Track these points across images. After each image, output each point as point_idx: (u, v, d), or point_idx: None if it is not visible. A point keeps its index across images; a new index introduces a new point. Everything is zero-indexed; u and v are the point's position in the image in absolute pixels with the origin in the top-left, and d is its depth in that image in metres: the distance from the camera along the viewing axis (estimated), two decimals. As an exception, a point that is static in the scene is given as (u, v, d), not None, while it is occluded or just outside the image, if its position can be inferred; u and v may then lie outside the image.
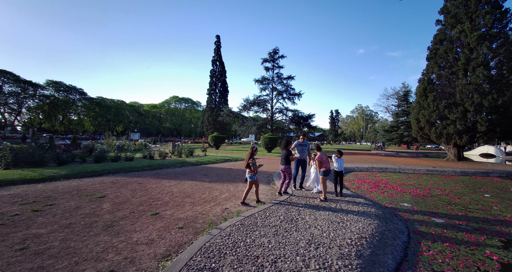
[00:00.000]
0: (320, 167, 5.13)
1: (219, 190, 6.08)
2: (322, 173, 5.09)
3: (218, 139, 28.03)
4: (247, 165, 4.83)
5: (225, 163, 12.74)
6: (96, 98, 64.05)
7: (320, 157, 5.16)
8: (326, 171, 5.07)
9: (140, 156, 12.58)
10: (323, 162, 5.11)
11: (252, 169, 4.79)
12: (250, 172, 4.81)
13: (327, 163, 5.13)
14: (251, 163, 4.81)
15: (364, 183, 8.31)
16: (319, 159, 5.15)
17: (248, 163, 4.81)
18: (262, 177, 8.53)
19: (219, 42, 48.32)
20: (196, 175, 8.33)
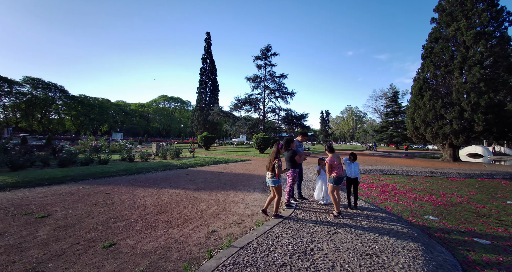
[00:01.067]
0: (331, 172, 4.11)
1: (206, 201, 4.93)
2: (332, 180, 4.08)
3: (208, 139, 26.69)
4: (271, 167, 3.83)
5: (214, 166, 11.55)
6: (78, 96, 60.73)
7: (331, 159, 4.14)
8: (338, 178, 4.05)
9: (118, 158, 11.17)
10: (334, 166, 4.10)
11: (276, 171, 3.79)
12: (274, 176, 3.82)
13: (339, 168, 4.11)
14: (276, 164, 3.79)
15: (371, 188, 7.40)
16: (330, 163, 4.13)
17: (273, 164, 3.81)
18: (255, 182, 7.45)
19: (209, 39, 46.86)
20: (180, 181, 7.12)
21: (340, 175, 4.07)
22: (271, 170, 3.85)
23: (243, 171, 10.06)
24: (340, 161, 4.18)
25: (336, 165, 4.09)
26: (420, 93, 19.17)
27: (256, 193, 5.87)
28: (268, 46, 29.14)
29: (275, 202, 3.91)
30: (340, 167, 4.12)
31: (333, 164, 4.10)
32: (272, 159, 3.87)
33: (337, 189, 4.08)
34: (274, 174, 3.83)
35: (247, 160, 15.15)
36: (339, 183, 4.08)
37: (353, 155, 4.52)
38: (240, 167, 11.49)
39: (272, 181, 3.84)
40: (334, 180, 4.07)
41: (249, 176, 8.67)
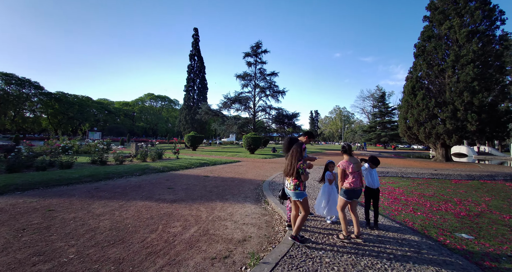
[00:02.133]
0: (343, 181, 3.15)
1: (184, 218, 3.81)
2: (343, 193, 3.10)
3: (195, 138, 25.29)
4: (295, 172, 2.83)
5: (200, 168, 10.36)
6: (56, 94, 56.85)
7: (345, 164, 3.16)
8: (352, 191, 3.05)
9: (88, 161, 9.72)
10: (348, 173, 3.12)
11: (302, 178, 2.87)
12: (299, 185, 2.85)
13: (356, 177, 3.09)
14: (302, 168, 2.81)
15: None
16: (342, 167, 3.14)
17: (298, 169, 2.81)
18: (246, 188, 6.38)
19: (197, 35, 45.24)
20: (156, 189, 5.92)
21: (355, 187, 3.06)
22: (295, 177, 2.85)
23: (233, 174, 8.96)
24: (358, 168, 3.17)
25: (351, 172, 3.10)
26: (413, 92, 18.86)
27: (248, 204, 4.80)
28: (259, 42, 28.13)
29: (299, 220, 2.88)
30: (357, 176, 3.11)
31: (347, 169, 3.11)
32: (294, 161, 2.87)
33: (353, 205, 3.09)
34: (299, 182, 2.84)
35: (237, 161, 14.05)
36: (353, 197, 3.08)
37: (375, 159, 3.55)
38: (229, 169, 10.38)
39: (297, 194, 2.86)
40: (346, 192, 3.08)
41: (239, 180, 7.59)
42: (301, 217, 2.86)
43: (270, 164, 13.44)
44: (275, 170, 10.49)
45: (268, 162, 14.69)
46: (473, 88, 15.67)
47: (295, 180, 2.87)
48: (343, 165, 3.16)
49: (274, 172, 9.97)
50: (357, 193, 3.08)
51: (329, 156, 21.66)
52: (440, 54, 17.52)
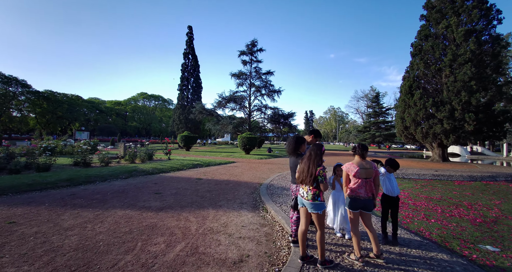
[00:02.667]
0: (347, 186, 2.66)
1: (169, 231, 3.25)
2: (347, 202, 2.62)
3: (189, 138, 24.56)
4: (312, 179, 2.36)
5: (193, 170, 9.76)
6: (44, 92, 54.91)
7: (349, 166, 2.65)
8: (353, 200, 2.55)
9: (70, 162, 9.00)
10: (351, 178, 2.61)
11: (322, 187, 2.36)
12: (319, 195, 2.34)
13: (361, 183, 2.56)
14: (322, 176, 2.34)
15: (383, 197, 6.10)
16: (347, 171, 2.66)
17: (317, 176, 2.33)
18: (242, 193, 5.84)
19: (191, 33, 44.39)
20: (141, 195, 5.32)
21: (358, 196, 2.53)
22: (312, 185, 2.35)
23: (227, 176, 8.41)
24: (366, 175, 2.58)
25: (354, 177, 2.57)
26: (410, 92, 18.67)
27: (244, 212, 4.26)
28: (254, 40, 27.61)
29: (320, 241, 2.36)
30: (362, 183, 2.56)
31: (350, 173, 2.60)
32: (312, 167, 2.36)
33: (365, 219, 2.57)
34: (318, 192, 2.35)
35: (232, 162, 13.49)
36: (357, 207, 2.55)
37: (393, 162, 3.05)
38: (224, 171, 9.82)
39: (316, 205, 2.35)
40: (348, 201, 2.60)
41: (235, 183, 7.04)
42: (320, 236, 2.35)
43: (267, 164, 12.93)
44: (272, 171, 9.98)
45: (264, 162, 14.17)
46: (470, 87, 15.54)
47: (314, 189, 2.36)
48: (347, 167, 2.67)
49: (271, 173, 9.46)
50: (362, 203, 2.54)
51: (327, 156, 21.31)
52: (438, 53, 17.37)
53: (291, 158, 2.99)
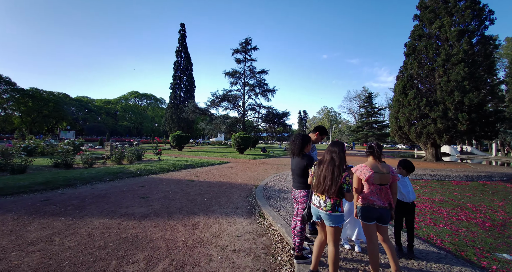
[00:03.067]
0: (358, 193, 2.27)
1: (152, 244, 2.81)
2: (360, 212, 2.21)
3: (181, 138, 23.90)
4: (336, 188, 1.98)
5: (184, 171, 9.27)
6: (29, 90, 52.73)
7: (361, 169, 2.27)
8: (365, 209, 2.18)
9: (50, 163, 8.34)
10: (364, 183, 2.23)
11: (347, 197, 2.01)
12: (339, 206, 2.03)
13: (375, 190, 2.19)
14: (348, 184, 2.00)
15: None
16: (359, 175, 2.26)
17: (341, 184, 1.98)
18: (236, 196, 5.42)
19: (184, 31, 43.51)
20: (125, 199, 4.82)
21: (372, 204, 2.15)
22: (334, 193, 1.96)
23: (221, 177, 7.96)
24: (382, 180, 2.19)
25: (368, 182, 2.19)
26: (404, 92, 18.68)
27: (239, 219, 3.85)
28: (248, 39, 27.18)
29: (333, 260, 1.97)
30: (377, 190, 2.18)
31: (363, 178, 2.21)
32: (337, 173, 1.98)
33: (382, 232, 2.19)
34: (339, 201, 1.99)
35: (225, 163, 13.03)
36: (370, 218, 2.16)
37: (408, 164, 2.71)
38: (217, 172, 9.37)
39: (335, 217, 1.98)
40: (359, 210, 2.22)
41: (228, 185, 6.62)
42: (334, 255, 1.97)
43: (261, 165, 12.55)
44: (267, 172, 9.60)
45: (259, 162, 13.79)
46: (463, 87, 15.63)
47: (335, 198, 1.98)
48: (359, 170, 2.26)
49: (267, 174, 9.08)
50: (377, 213, 2.15)
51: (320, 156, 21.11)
52: (431, 53, 17.42)
53: (295, 159, 2.60)
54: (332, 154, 2.08)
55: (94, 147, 25.12)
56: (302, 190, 2.49)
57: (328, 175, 2.00)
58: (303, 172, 2.48)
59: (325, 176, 2.02)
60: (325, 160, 2.10)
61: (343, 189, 1.95)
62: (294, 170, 2.59)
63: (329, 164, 2.05)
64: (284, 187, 6.37)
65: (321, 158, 2.19)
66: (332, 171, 2.00)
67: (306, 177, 2.45)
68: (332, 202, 1.98)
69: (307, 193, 2.45)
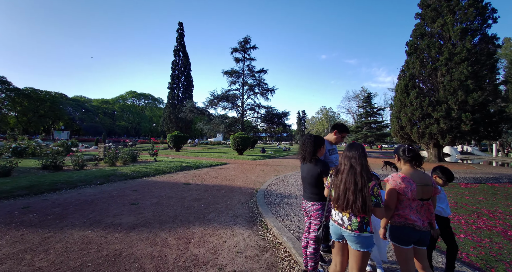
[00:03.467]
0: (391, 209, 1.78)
1: (138, 264, 2.41)
2: (389, 232, 1.79)
3: (179, 138, 23.47)
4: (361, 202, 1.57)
5: (181, 173, 8.84)
6: (25, 89, 52.01)
7: (399, 181, 1.75)
8: (403, 230, 1.73)
9: (38, 165, 7.88)
10: (404, 199, 1.76)
11: (378, 214, 1.62)
12: (368, 224, 1.63)
13: (416, 206, 1.74)
14: (376, 194, 1.60)
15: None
16: (395, 186, 1.75)
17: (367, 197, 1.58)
18: (236, 201, 5.02)
19: (182, 30, 43.01)
20: (113, 206, 4.40)
21: (411, 224, 1.72)
22: (361, 209, 1.57)
23: (219, 180, 7.55)
24: (425, 194, 1.76)
25: (409, 198, 1.74)
26: (406, 91, 18.38)
27: (239, 229, 3.45)
28: (247, 37, 26.76)
29: None
30: (418, 207, 1.75)
31: (402, 192, 1.74)
32: (362, 183, 1.59)
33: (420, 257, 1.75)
34: (367, 218, 1.62)
35: (224, 164, 12.62)
36: (409, 241, 1.72)
37: (446, 172, 2.28)
38: (215, 174, 8.95)
39: (364, 239, 1.59)
40: (393, 231, 1.77)
41: (227, 189, 6.21)
42: None
43: (261, 166, 12.15)
44: (267, 174, 9.20)
45: (259, 164, 13.39)
46: (467, 86, 15.34)
47: (362, 215, 1.58)
48: (397, 182, 1.75)
49: (267, 176, 8.68)
50: (417, 235, 1.72)
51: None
52: (434, 52, 17.12)
53: (306, 165, 2.20)
54: (350, 160, 1.69)
55: (90, 147, 24.61)
56: (315, 202, 2.09)
57: (349, 186, 1.61)
58: (317, 181, 2.08)
59: (345, 188, 1.63)
60: (343, 168, 1.71)
61: (371, 203, 1.56)
62: (306, 178, 2.19)
63: (348, 173, 1.66)
64: (286, 191, 5.97)
65: (338, 166, 1.80)
66: (353, 181, 1.61)
67: (320, 187, 2.05)
68: (359, 219, 1.59)
69: (322, 206, 2.05)
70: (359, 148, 1.72)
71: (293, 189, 6.16)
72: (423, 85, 18.76)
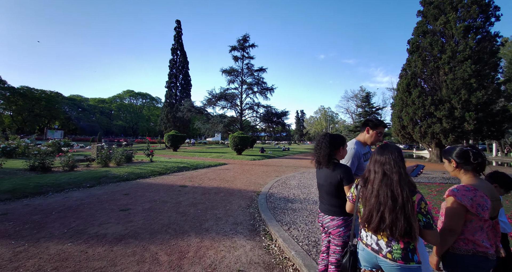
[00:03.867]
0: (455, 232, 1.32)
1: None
2: (450, 264, 1.36)
3: (176, 138, 23.00)
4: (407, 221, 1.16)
5: (177, 174, 8.43)
6: (20, 88, 51.12)
7: (470, 196, 1.28)
8: (478, 260, 1.29)
9: (26, 166, 7.43)
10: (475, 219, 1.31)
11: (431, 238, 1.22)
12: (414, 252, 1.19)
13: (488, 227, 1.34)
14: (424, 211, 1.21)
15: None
16: (464, 203, 1.27)
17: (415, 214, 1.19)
18: (236, 206, 4.63)
19: (179, 28, 42.45)
20: (99, 213, 3.99)
21: (482, 253, 1.29)
22: (404, 233, 1.18)
23: (217, 182, 7.15)
24: (495, 210, 1.38)
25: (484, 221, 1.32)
26: (408, 90, 18.10)
27: (240, 240, 3.06)
28: (246, 35, 26.33)
29: None
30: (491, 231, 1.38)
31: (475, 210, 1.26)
32: (401, 194, 1.21)
33: None
34: (413, 245, 1.21)
35: (223, 164, 12.22)
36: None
37: (508, 179, 1.77)
38: (214, 175, 8.55)
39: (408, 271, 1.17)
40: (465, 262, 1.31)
41: (226, 192, 5.81)
42: None
43: (261, 166, 11.76)
44: (268, 175, 8.81)
45: (258, 164, 13.00)
46: (470, 85, 15.08)
47: (406, 239, 1.20)
48: (468, 197, 1.29)
49: (268, 177, 8.30)
50: (489, 265, 1.32)
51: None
52: (436, 50, 16.82)
53: (322, 170, 1.81)
54: (383, 166, 1.30)
55: (86, 147, 24.05)
56: (336, 216, 1.70)
57: (384, 201, 1.23)
58: (337, 190, 1.69)
59: (379, 203, 1.25)
60: (373, 177, 1.32)
61: (418, 223, 1.19)
62: (323, 186, 1.80)
63: (381, 183, 1.27)
64: (290, 194, 5.59)
65: (365, 174, 1.41)
66: (390, 194, 1.22)
67: (342, 197, 1.67)
68: (402, 245, 1.21)
69: (345, 222, 1.66)
70: (394, 150, 1.33)
71: (297, 192, 5.78)
72: (425, 84, 18.48)
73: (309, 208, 4.45)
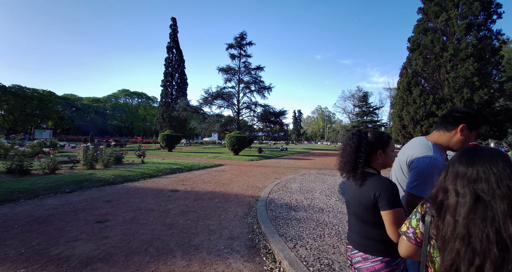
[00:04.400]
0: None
1: None
2: None
3: (171, 138, 22.31)
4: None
5: (170, 177, 7.83)
6: (11, 87, 49.84)
7: None
8: None
9: (3, 169, 6.77)
10: None
11: None
12: None
13: None
14: None
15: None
16: None
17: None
18: (232, 216, 4.07)
19: (175, 26, 41.72)
20: (71, 226, 3.40)
21: None
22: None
23: (213, 186, 6.58)
24: None
25: None
26: (409, 89, 17.73)
27: (236, 262, 2.50)
28: (243, 33, 25.75)
29: None
30: None
31: None
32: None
33: None
34: None
35: (219, 165, 11.64)
36: None
37: None
38: (209, 177, 7.98)
39: None
40: None
41: (221, 197, 5.25)
42: None
43: (259, 168, 11.22)
44: (266, 178, 8.27)
45: (256, 165, 12.45)
46: (473, 84, 14.73)
47: None
48: None
49: (267, 180, 7.75)
50: None
51: (320, 157, 19.99)
52: (437, 48, 16.47)
53: (351, 184, 1.26)
54: (473, 185, 0.74)
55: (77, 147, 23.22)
56: (372, 255, 1.13)
57: (482, 248, 0.67)
58: (371, 215, 1.13)
59: (471, 251, 0.68)
60: (454, 202, 0.76)
61: None
62: (350, 205, 1.25)
63: (473, 215, 0.70)
64: (292, 200, 5.05)
65: (437, 194, 0.86)
66: (494, 237, 0.65)
67: (380, 227, 1.11)
68: None
69: (387, 267, 1.10)
70: (498, 158, 0.78)
71: (299, 198, 5.25)
72: (426, 83, 18.13)
73: (315, 217, 3.92)
